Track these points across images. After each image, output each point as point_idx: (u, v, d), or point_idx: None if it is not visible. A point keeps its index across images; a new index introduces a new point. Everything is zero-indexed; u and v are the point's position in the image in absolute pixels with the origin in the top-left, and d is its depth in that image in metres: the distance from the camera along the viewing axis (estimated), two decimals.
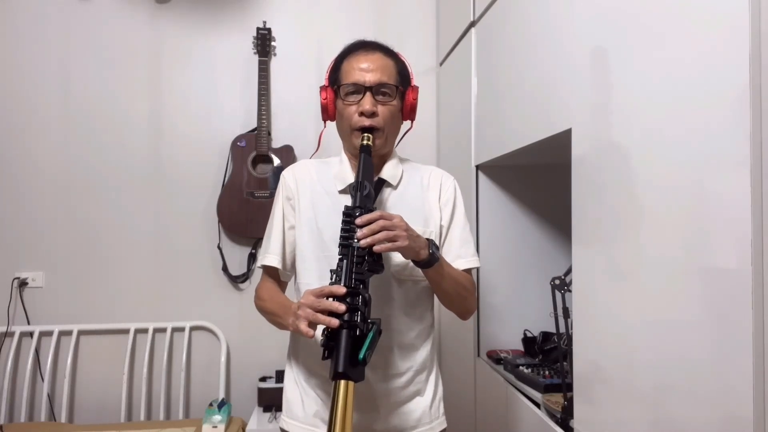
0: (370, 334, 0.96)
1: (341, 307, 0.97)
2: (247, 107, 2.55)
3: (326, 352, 0.96)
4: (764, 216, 0.75)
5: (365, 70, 1.20)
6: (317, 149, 1.42)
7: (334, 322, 0.96)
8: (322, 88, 1.26)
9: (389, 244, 1.04)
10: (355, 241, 1.04)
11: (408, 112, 1.28)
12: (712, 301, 0.83)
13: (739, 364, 0.77)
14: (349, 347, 0.94)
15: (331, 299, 1.00)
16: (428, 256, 1.11)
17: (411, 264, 1.19)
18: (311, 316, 0.99)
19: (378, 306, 1.16)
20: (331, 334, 0.96)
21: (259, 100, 2.48)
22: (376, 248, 1.03)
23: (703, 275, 0.85)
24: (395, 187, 1.28)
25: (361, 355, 0.94)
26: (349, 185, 1.23)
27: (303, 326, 1.00)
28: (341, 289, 0.99)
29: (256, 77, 2.49)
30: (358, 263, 1.02)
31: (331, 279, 1.04)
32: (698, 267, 0.86)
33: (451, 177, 1.34)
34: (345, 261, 1.03)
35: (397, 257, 1.20)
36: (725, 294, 0.81)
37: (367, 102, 1.18)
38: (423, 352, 1.27)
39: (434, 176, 1.32)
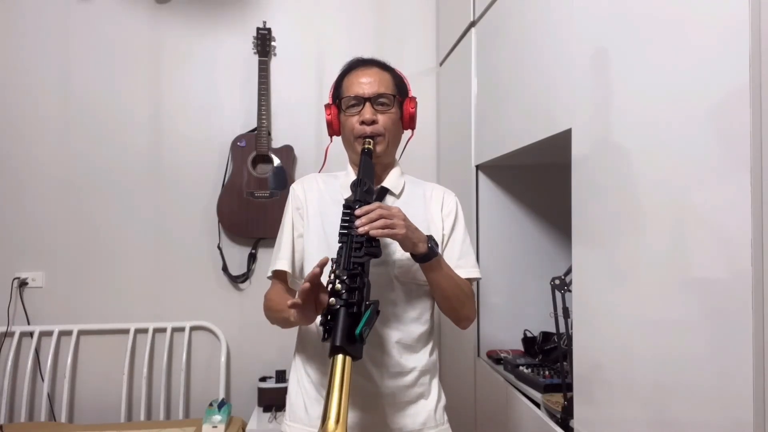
0: (368, 312, 0.99)
1: (315, 270, 1.02)
2: (247, 107, 2.55)
3: (326, 333, 0.99)
4: (764, 216, 0.75)
5: (364, 83, 1.27)
6: (324, 164, 1.47)
7: (306, 285, 1.00)
8: (326, 106, 1.34)
9: (387, 230, 1.08)
10: (354, 230, 1.08)
11: (408, 121, 1.34)
12: (712, 301, 0.83)
13: (739, 364, 0.77)
14: (346, 324, 0.97)
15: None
16: (427, 250, 1.15)
17: (413, 267, 1.22)
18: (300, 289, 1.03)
19: (381, 307, 1.17)
20: (330, 314, 0.99)
21: (259, 100, 2.48)
22: (373, 232, 1.07)
23: (702, 275, 0.85)
24: (398, 197, 1.32)
25: (357, 331, 0.97)
26: (350, 186, 1.24)
27: (290, 302, 1.02)
28: (323, 259, 1.05)
29: (256, 77, 2.49)
30: (357, 248, 1.07)
31: (332, 266, 1.07)
32: (698, 267, 0.86)
33: (453, 193, 1.38)
34: (344, 247, 1.08)
35: (400, 260, 1.23)
36: (725, 294, 0.81)
37: (366, 111, 1.25)
38: (427, 354, 1.29)
39: (436, 191, 1.37)
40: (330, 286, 1.02)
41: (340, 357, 0.94)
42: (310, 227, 1.29)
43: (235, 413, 2.31)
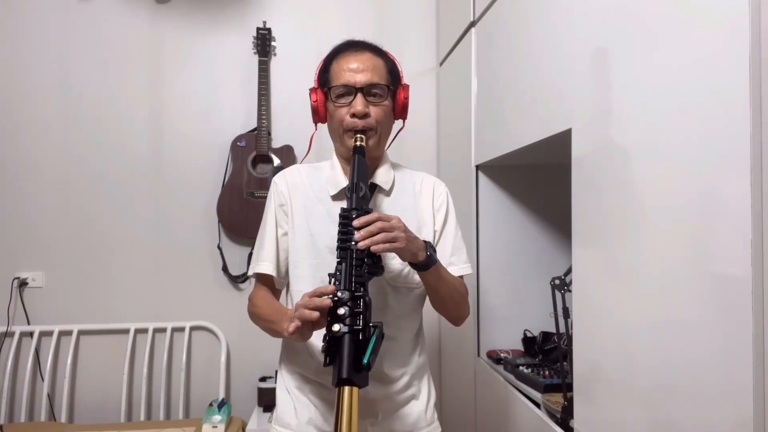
0: (373, 338, 0.93)
1: (325, 300, 0.95)
2: (247, 107, 2.55)
3: (327, 358, 0.93)
4: (764, 216, 0.75)
5: (355, 70, 1.18)
6: (308, 152, 1.41)
7: (315, 314, 0.94)
8: (312, 90, 1.25)
9: (388, 245, 1.02)
10: (353, 243, 1.01)
11: (400, 111, 1.26)
12: (712, 301, 0.83)
13: (739, 364, 0.77)
14: (352, 353, 0.90)
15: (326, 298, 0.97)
16: (426, 258, 1.10)
17: (405, 271, 1.20)
18: (300, 314, 0.96)
19: (373, 313, 1.16)
20: (332, 340, 0.92)
21: (259, 100, 2.48)
22: (374, 248, 1.01)
23: (702, 275, 0.85)
24: (388, 193, 1.26)
25: (365, 360, 0.91)
26: (342, 189, 1.22)
27: (292, 327, 0.97)
28: (329, 288, 0.97)
29: (256, 77, 2.49)
30: (358, 266, 1.00)
31: (330, 283, 1.01)
32: (698, 267, 0.86)
33: (443, 183, 1.33)
34: (344, 264, 1.01)
35: (392, 264, 1.20)
36: (725, 294, 0.81)
37: (358, 103, 1.17)
38: (416, 357, 1.27)
39: (426, 182, 1.31)
40: (331, 308, 0.95)
41: (347, 389, 0.88)
42: (296, 227, 1.23)
43: (235, 413, 2.31)
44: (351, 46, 1.23)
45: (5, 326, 2.39)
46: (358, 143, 1.17)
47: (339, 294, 0.96)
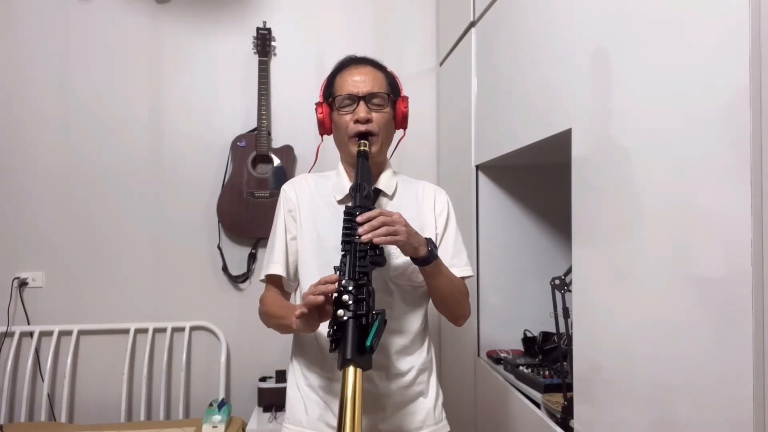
0: (376, 323, 0.98)
1: (329, 286, 1.01)
2: (247, 107, 2.55)
3: (333, 344, 0.97)
4: (764, 216, 0.75)
5: (358, 81, 1.27)
6: (315, 162, 1.47)
7: (320, 298, 1.00)
8: (318, 104, 1.33)
9: (389, 237, 1.08)
10: (357, 237, 1.07)
11: (400, 120, 1.34)
12: (712, 301, 0.83)
13: (739, 364, 0.77)
14: (356, 336, 0.95)
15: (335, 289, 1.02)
16: (427, 253, 1.15)
17: (409, 269, 1.23)
18: (306, 301, 1.02)
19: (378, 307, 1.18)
20: (337, 326, 0.97)
21: (259, 100, 2.48)
22: (376, 240, 1.06)
23: (702, 275, 0.85)
24: (391, 198, 1.32)
25: (368, 343, 0.95)
26: (349, 191, 1.25)
27: (298, 312, 1.03)
28: (334, 276, 1.03)
29: (256, 77, 2.49)
30: (361, 257, 1.06)
31: (335, 274, 1.06)
32: (698, 267, 0.86)
33: (444, 191, 1.39)
34: (348, 256, 1.06)
35: (396, 263, 1.24)
36: (725, 294, 0.81)
37: (361, 110, 1.25)
38: (423, 353, 1.30)
39: (428, 189, 1.37)
40: (336, 296, 1.00)
41: (351, 369, 0.92)
42: (303, 230, 1.29)
43: (235, 413, 2.31)
44: (353, 61, 1.32)
45: (5, 326, 2.39)
46: (361, 148, 1.24)
47: (343, 282, 1.01)
